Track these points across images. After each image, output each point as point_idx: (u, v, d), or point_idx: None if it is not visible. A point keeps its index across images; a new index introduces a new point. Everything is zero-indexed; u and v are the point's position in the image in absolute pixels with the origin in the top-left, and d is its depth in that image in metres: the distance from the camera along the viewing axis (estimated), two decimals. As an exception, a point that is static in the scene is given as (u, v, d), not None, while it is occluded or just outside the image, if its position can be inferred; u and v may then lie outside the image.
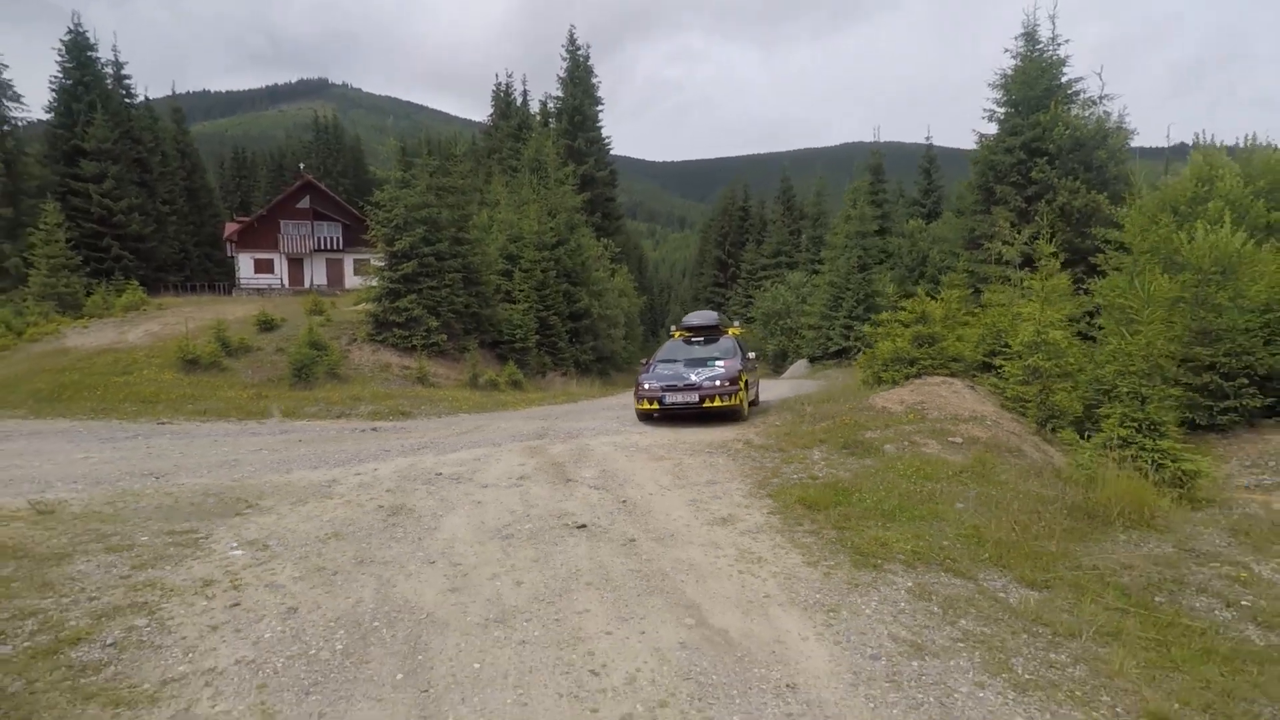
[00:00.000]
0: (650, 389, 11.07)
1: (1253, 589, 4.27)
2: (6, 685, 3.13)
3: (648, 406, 11.10)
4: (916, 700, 3.17)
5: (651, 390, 11.04)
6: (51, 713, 2.96)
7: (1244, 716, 3.03)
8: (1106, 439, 7.17)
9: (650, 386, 11.10)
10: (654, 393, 10.98)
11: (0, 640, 3.49)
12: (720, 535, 5.33)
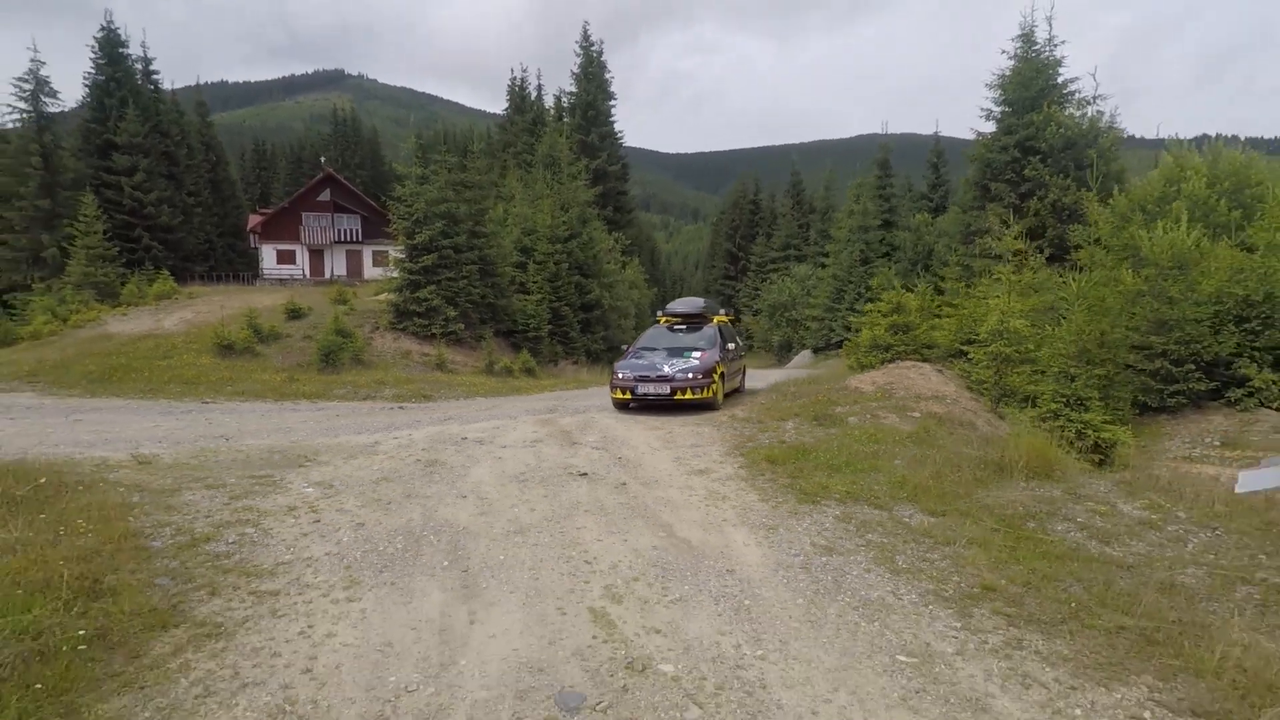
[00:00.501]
0: (624, 379, 11.08)
1: (1108, 519, 5.42)
2: (167, 564, 4.38)
3: (621, 396, 11.11)
4: (819, 579, 4.38)
5: (625, 380, 11.05)
6: (203, 580, 4.21)
7: (1052, 588, 4.21)
8: (1041, 412, 8.31)
9: (624, 376, 11.11)
10: (627, 382, 11.00)
11: (150, 539, 4.74)
12: (695, 481, 6.57)
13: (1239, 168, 15.27)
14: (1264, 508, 5.70)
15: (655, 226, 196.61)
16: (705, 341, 12.06)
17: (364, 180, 65.64)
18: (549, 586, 4.26)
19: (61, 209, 36.03)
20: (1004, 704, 3.11)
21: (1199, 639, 3.55)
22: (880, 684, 3.25)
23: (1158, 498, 5.90)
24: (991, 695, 3.17)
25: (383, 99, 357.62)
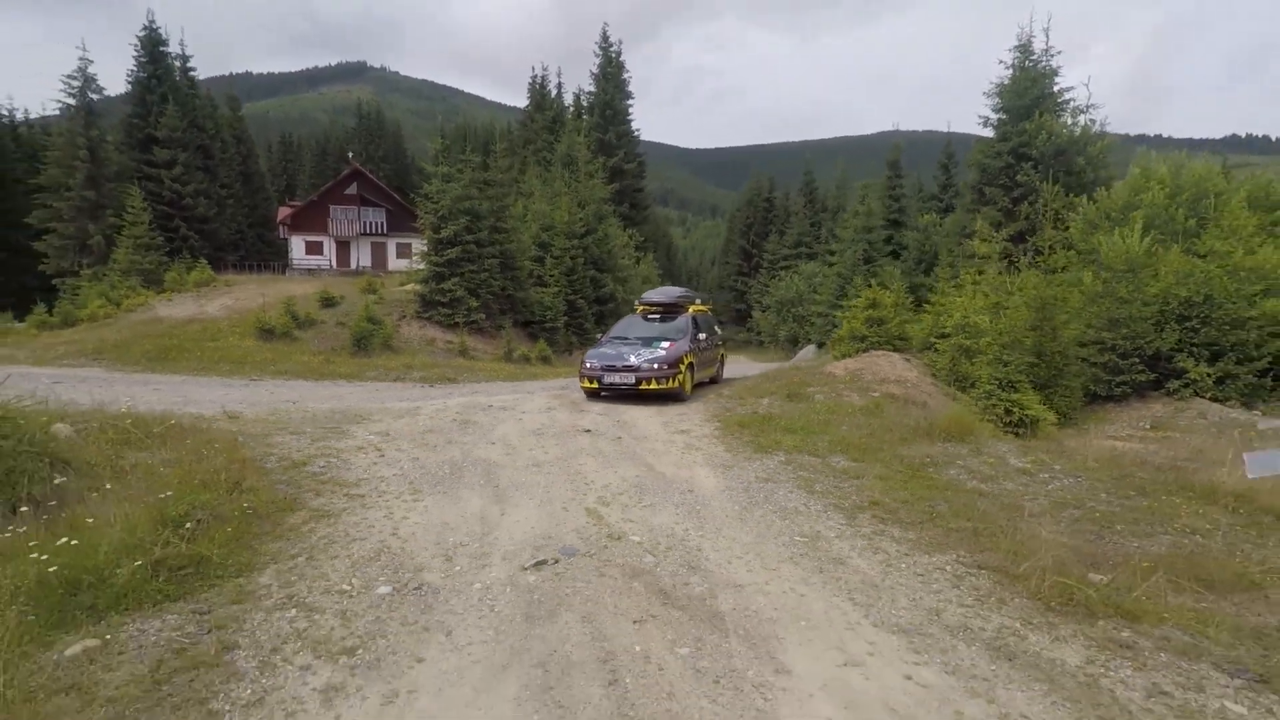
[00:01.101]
0: (591, 368, 11.20)
1: (994, 468, 6.94)
2: (280, 477, 6.02)
3: (589, 385, 11.23)
4: (753, 496, 5.98)
5: (592, 369, 11.16)
6: (309, 487, 5.84)
7: (922, 505, 5.75)
8: (979, 393, 9.80)
9: (591, 365, 11.23)
10: (594, 372, 11.11)
11: (263, 462, 6.38)
12: (677, 438, 8.17)
13: (1199, 179, 16.57)
14: (1125, 464, 7.20)
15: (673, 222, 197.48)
16: (676, 332, 12.15)
17: (387, 173, 67.47)
18: (557, 496, 5.87)
19: (106, 200, 38.13)
20: (857, 562, 4.66)
21: (1010, 534, 5.08)
22: (777, 550, 4.82)
23: (1043, 456, 7.40)
24: (850, 557, 4.73)
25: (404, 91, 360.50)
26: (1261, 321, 12.98)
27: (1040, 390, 11.60)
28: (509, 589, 4.16)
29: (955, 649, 3.60)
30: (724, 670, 3.34)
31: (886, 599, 4.16)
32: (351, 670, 3.28)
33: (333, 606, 3.87)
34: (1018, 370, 9.95)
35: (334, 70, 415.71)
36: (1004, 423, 9.42)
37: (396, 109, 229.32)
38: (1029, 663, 3.48)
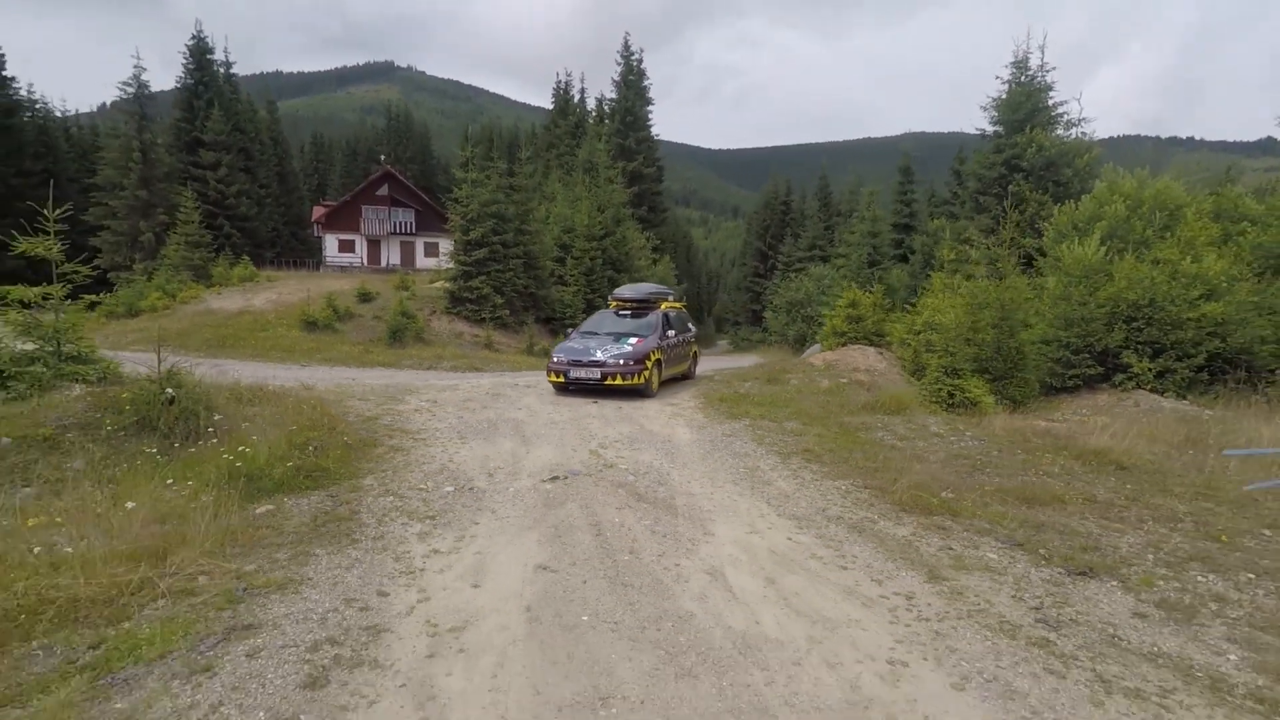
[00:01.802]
0: (558, 362, 11.34)
1: (914, 432, 8.74)
2: (360, 426, 7.97)
3: (556, 379, 11.37)
4: (716, 445, 7.88)
5: (559, 364, 11.31)
6: (383, 433, 7.79)
7: (844, 453, 7.57)
8: (929, 379, 11.57)
9: (559, 360, 11.37)
10: (561, 366, 11.26)
11: (344, 416, 8.34)
12: (666, 408, 10.10)
13: (1159, 193, 18.12)
14: (1028, 433, 8.97)
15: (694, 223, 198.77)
16: (645, 328, 12.30)
17: (415, 173, 69.74)
18: (568, 443, 7.81)
19: (156, 199, 40.69)
20: (780, 483, 6.54)
21: (900, 470, 6.91)
22: (724, 476, 6.71)
23: (961, 426, 9.20)
24: (775, 480, 6.61)
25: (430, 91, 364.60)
26: (1201, 323, 14.58)
27: (997, 381, 13.34)
28: (532, 491, 6.08)
29: (827, 527, 5.46)
30: (670, 532, 5.23)
31: (792, 502, 6.03)
32: (434, 525, 5.21)
33: (416, 496, 5.81)
34: (962, 360, 11.70)
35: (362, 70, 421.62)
36: (947, 404, 11.18)
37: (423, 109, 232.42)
38: (872, 534, 5.33)
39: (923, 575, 4.58)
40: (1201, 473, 7.30)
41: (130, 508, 4.98)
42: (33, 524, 4.87)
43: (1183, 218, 17.44)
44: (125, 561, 4.22)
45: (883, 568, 4.71)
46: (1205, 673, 3.46)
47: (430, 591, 4.15)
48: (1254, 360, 14.71)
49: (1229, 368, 14.71)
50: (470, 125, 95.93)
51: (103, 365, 7.85)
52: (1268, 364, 14.59)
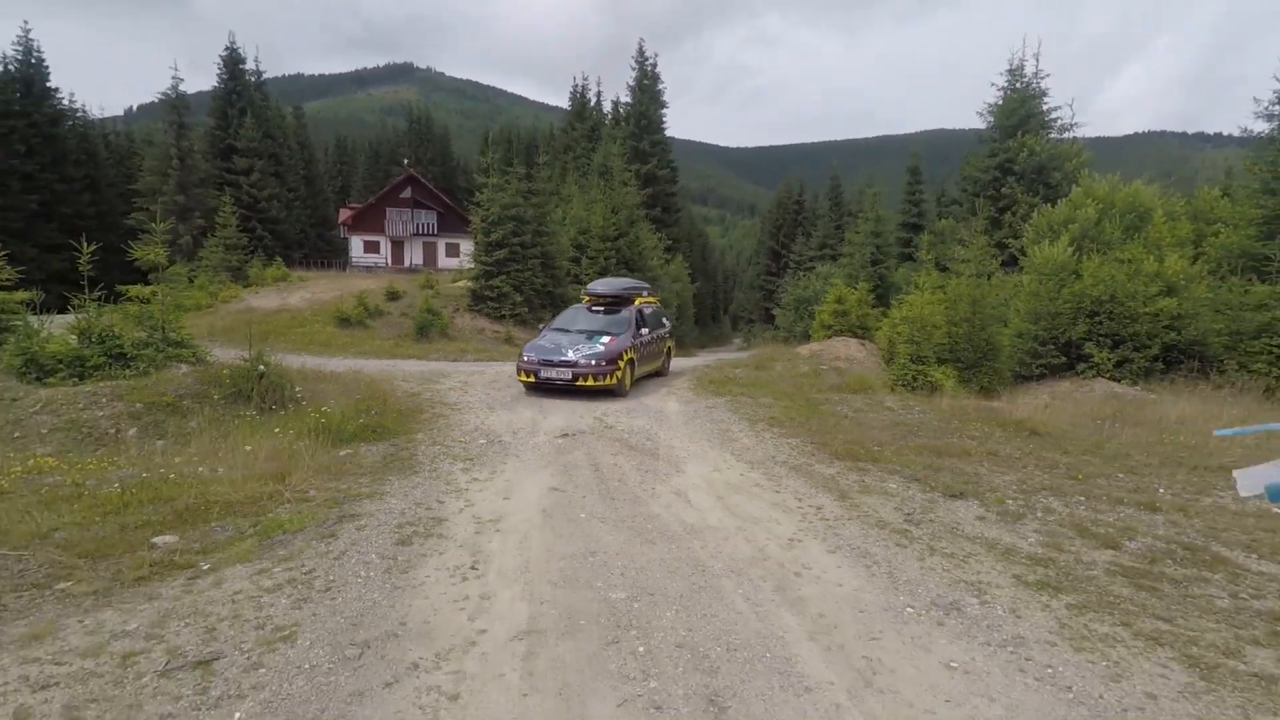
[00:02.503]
0: (529, 361, 10.95)
1: (870, 407, 10.32)
2: (406, 402, 9.69)
3: (525, 379, 10.97)
4: (699, 414, 9.53)
5: (530, 363, 10.91)
6: (425, 404, 9.51)
7: (804, 420, 9.18)
8: (897, 365, 13.14)
9: (529, 359, 10.96)
10: (532, 366, 10.87)
11: (393, 392, 10.06)
12: (661, 389, 11.75)
13: (1129, 196, 19.50)
14: (969, 409, 10.53)
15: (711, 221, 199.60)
16: (618, 326, 11.97)
17: (435, 175, 71.69)
18: (576, 412, 9.50)
19: (193, 204, 42.89)
20: (743, 440, 8.18)
21: (844, 432, 8.50)
22: (701, 435, 8.36)
23: (912, 402, 10.77)
24: (740, 438, 8.25)
25: (449, 91, 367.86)
26: (1157, 317, 16.00)
27: (969, 369, 14.86)
28: (547, 444, 7.78)
29: (772, 468, 7.10)
30: (651, 469, 6.90)
31: (750, 452, 7.68)
32: (472, 464, 6.91)
33: (457, 446, 7.52)
34: (928, 349, 13.24)
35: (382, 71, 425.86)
36: (910, 386, 12.74)
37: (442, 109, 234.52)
38: (806, 472, 6.96)
39: (834, 496, 6.21)
40: (1100, 436, 8.86)
41: (249, 449, 6.72)
42: (178, 460, 6.62)
43: (1151, 220, 18.82)
44: (257, 481, 5.95)
45: (806, 492, 6.34)
46: (1004, 547, 5.07)
47: (474, 501, 5.85)
48: (1206, 351, 16.14)
49: (1184, 358, 16.14)
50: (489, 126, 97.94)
51: (197, 350, 9.62)
52: (1219, 354, 15.99)
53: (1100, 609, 4.05)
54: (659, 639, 3.61)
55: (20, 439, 7.17)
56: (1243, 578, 4.54)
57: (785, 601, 4.12)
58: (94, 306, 9.12)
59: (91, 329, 8.88)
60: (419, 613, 3.86)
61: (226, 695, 3.05)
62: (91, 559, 4.41)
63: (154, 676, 3.18)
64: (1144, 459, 7.71)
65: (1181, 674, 3.38)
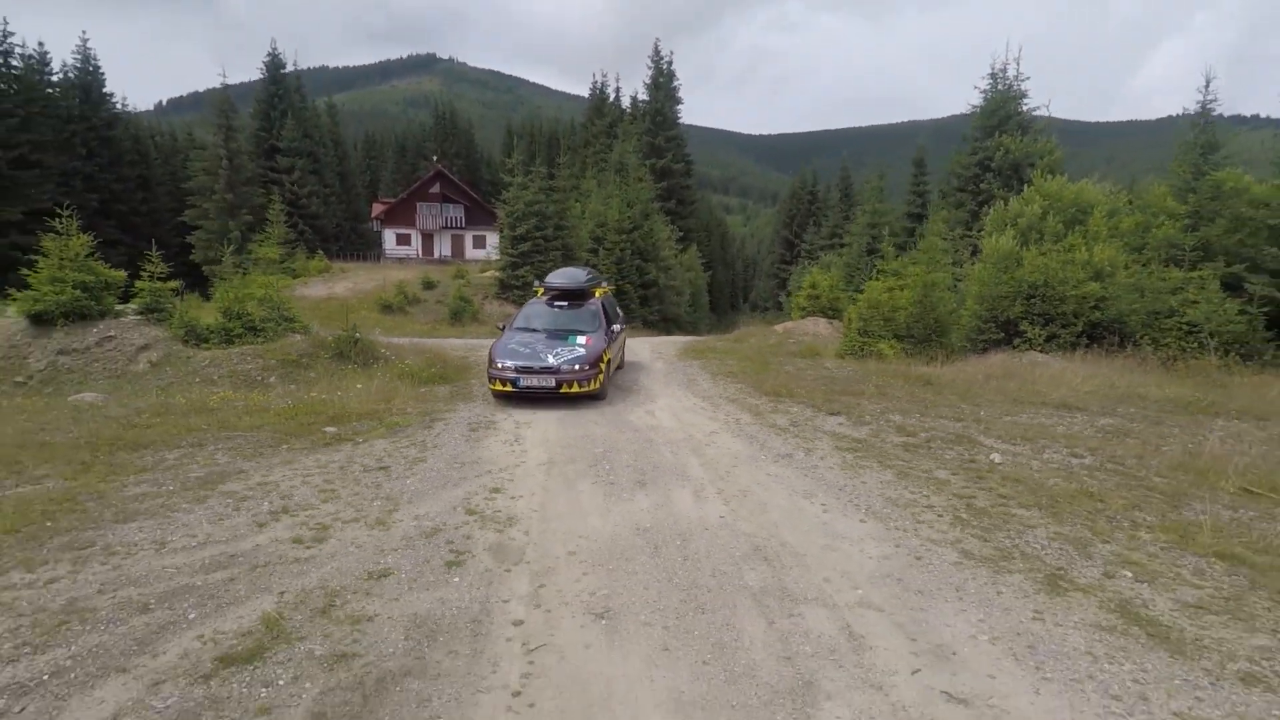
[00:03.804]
0: (504, 369, 9.89)
1: (814, 365, 13.35)
2: (458, 362, 12.91)
3: (500, 388, 9.91)
4: (676, 371, 12.74)
5: (504, 371, 9.87)
6: (473, 363, 12.72)
7: (752, 374, 12.24)
8: (849, 336, 16.15)
9: (504, 366, 9.91)
10: (508, 374, 9.84)
11: (446, 356, 13.28)
12: (651, 353, 14.86)
13: (1074, 194, 22.21)
14: (891, 369, 13.54)
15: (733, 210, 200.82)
16: (589, 323, 11.17)
17: (460, 168, 75.02)
18: (585, 370, 12.66)
19: (241, 201, 46.52)
20: (704, 386, 11.31)
21: (779, 381, 11.57)
22: (674, 383, 11.52)
23: (848, 364, 13.80)
24: (702, 385, 11.39)
25: (472, 82, 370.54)
26: (1083, 299, 18.79)
27: (920, 344, 17.80)
28: (562, 387, 10.95)
29: (718, 401, 10.22)
30: (633, 400, 10.06)
31: (705, 393, 10.83)
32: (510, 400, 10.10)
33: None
34: (875, 325, 16.22)
35: (405, 63, 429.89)
36: (857, 355, 15.75)
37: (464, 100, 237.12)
38: (740, 402, 10.07)
39: (751, 414, 9.33)
40: (976, 386, 11.86)
41: (360, 387, 9.97)
42: (312, 394, 9.86)
43: (1090, 215, 21.53)
44: (372, 403, 9.18)
45: (733, 412, 9.48)
46: (841, 435, 8.15)
47: (512, 414, 9.04)
48: (1125, 327, 18.92)
49: (1106, 333, 18.94)
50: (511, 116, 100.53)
51: (304, 323, 12.89)
52: (1136, 330, 18.76)
53: (871, 458, 7.15)
54: (618, 465, 6.77)
55: (201, 382, 10.49)
56: (976, 448, 7.60)
57: (693, 453, 7.27)
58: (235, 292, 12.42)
59: (232, 308, 12.18)
60: (487, 455, 7.07)
61: (400, 476, 6.26)
62: (294, 436, 7.65)
63: (359, 471, 6.40)
64: (992, 398, 10.71)
65: (891, 476, 6.48)
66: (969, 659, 3.39)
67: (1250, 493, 6.16)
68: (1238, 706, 3.03)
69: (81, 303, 11.57)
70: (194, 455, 6.83)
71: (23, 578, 4.13)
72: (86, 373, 10.85)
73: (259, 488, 5.89)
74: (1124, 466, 6.90)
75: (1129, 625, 3.74)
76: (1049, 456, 7.25)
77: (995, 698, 3.08)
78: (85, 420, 8.13)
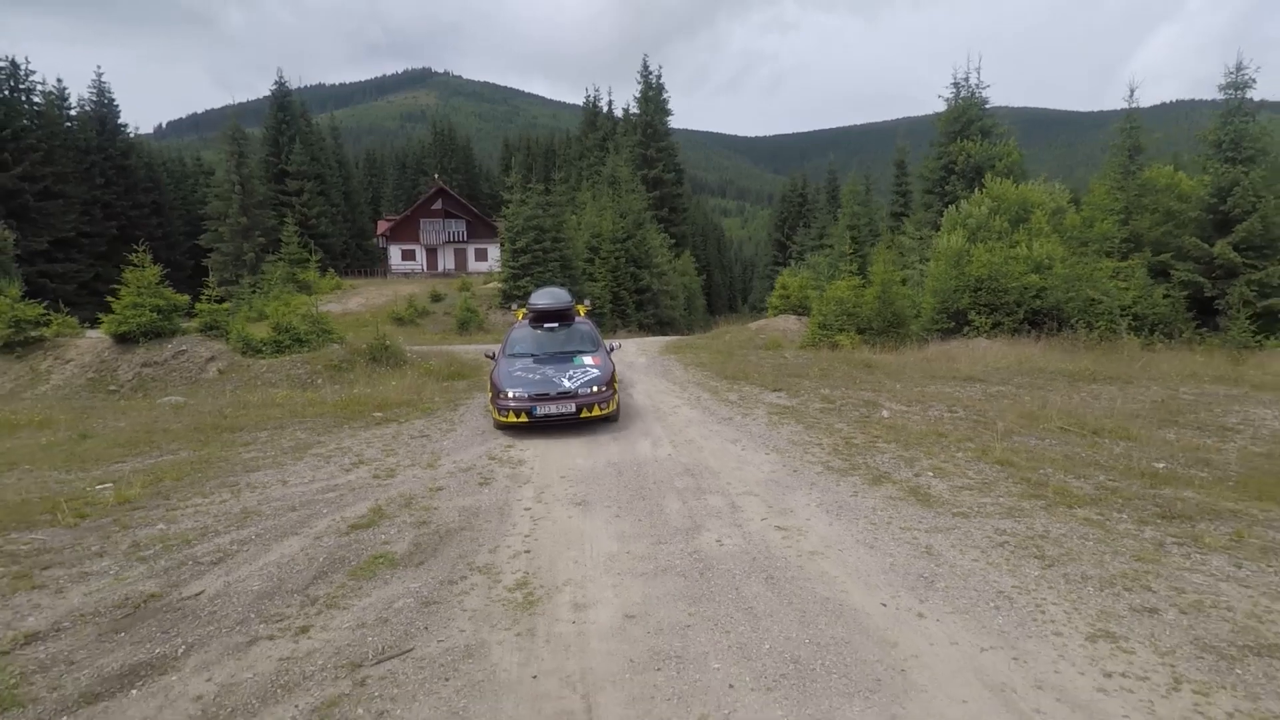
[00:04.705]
0: (516, 399, 9.12)
1: (775, 355, 15.60)
2: (470, 363, 15.22)
3: (511, 419, 9.07)
4: (657, 365, 15.03)
5: (518, 400, 9.10)
6: (484, 365, 15.02)
7: (719, 363, 14.51)
8: (810, 329, 18.42)
9: (515, 396, 9.14)
10: (521, 404, 9.06)
11: (460, 359, 15.59)
12: (636, 350, 17.14)
13: (1021, 196, 24.46)
14: (838, 357, 15.82)
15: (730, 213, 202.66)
16: (588, 342, 10.84)
17: (459, 183, 77.38)
18: (579, 365, 15.00)
19: (254, 224, 48.96)
20: (678, 374, 13.62)
21: (739, 367, 13.85)
22: (653, 373, 13.81)
23: (805, 354, 16.06)
24: (676, 373, 13.68)
25: (468, 95, 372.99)
26: (1024, 290, 21.02)
27: (879, 335, 20.07)
28: (559, 379, 13.26)
29: (687, 384, 12.50)
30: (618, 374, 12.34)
31: (678, 379, 13.11)
32: (517, 387, 12.42)
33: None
34: (833, 318, 18.49)
35: (401, 78, 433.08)
36: (818, 346, 18.00)
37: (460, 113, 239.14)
38: (704, 385, 12.36)
39: (710, 393, 11.61)
40: (907, 368, 14.11)
41: (394, 384, 12.29)
42: (355, 390, 12.17)
43: (1033, 213, 23.78)
44: (406, 395, 11.49)
45: (696, 392, 11.77)
46: (775, 404, 10.42)
47: (519, 399, 11.33)
48: (1062, 314, 21.15)
49: (1045, 319, 21.18)
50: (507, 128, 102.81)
51: (340, 335, 15.21)
52: (1071, 316, 21.00)
53: (791, 418, 9.42)
54: (599, 429, 9.06)
55: (262, 385, 12.82)
56: (876, 409, 9.86)
57: (658, 420, 9.57)
58: (284, 309, 14.75)
59: (281, 323, 14.50)
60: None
61: (438, 440, 8.57)
62: (351, 419, 9.96)
63: (407, 438, 8.69)
64: (914, 375, 12.98)
65: (801, 428, 8.75)
66: (798, 514, 5.67)
67: (1064, 430, 8.41)
68: (948, 527, 5.29)
69: (157, 323, 13.90)
70: (280, 434, 9.15)
71: (202, 501, 6.41)
72: (166, 381, 13.18)
73: (337, 450, 8.20)
74: (983, 417, 9.17)
75: (908, 496, 6.01)
76: (930, 414, 9.52)
77: (805, 528, 5.35)
78: (184, 415, 10.46)
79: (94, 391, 12.78)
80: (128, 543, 5.29)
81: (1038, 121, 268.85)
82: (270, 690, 3.28)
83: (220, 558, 4.98)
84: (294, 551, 5.05)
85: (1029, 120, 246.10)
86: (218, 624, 3.98)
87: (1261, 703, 3.01)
